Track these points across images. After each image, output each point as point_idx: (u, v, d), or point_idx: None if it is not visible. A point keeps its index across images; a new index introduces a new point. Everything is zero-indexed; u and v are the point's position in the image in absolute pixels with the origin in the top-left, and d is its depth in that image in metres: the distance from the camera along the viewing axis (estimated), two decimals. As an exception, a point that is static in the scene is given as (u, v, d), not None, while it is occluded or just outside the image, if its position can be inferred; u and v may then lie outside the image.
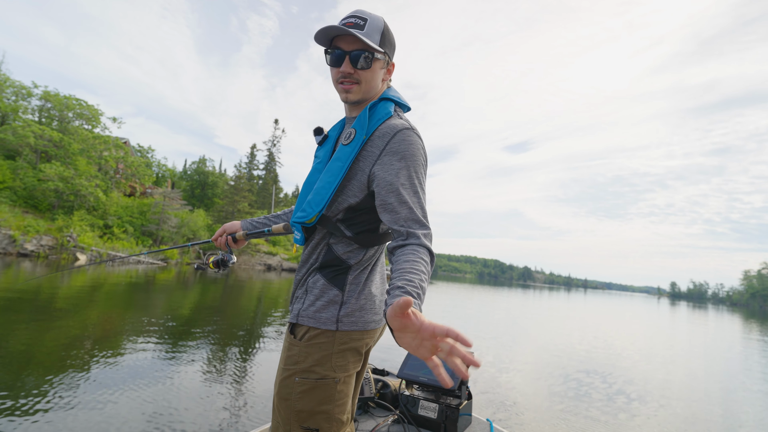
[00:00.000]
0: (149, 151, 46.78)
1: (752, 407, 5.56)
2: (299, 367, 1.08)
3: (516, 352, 7.88)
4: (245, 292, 15.42)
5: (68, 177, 24.32)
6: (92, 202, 25.90)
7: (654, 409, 4.97)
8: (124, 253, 24.50)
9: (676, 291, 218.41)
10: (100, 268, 19.04)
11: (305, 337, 1.10)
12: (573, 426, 4.09)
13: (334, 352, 1.08)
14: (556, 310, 20.88)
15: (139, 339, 5.94)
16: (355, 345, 1.11)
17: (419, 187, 1.05)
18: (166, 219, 29.22)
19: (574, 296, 49.48)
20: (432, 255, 0.97)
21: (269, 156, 56.97)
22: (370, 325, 1.13)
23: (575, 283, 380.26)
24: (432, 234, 1.02)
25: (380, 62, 1.14)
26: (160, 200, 29.84)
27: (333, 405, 1.07)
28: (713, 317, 29.89)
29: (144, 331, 6.51)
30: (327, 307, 1.10)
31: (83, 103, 29.98)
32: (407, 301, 0.65)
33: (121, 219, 27.57)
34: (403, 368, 2.16)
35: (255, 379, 4.60)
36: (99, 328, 6.51)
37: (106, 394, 3.79)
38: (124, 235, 26.47)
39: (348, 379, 1.11)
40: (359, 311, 1.11)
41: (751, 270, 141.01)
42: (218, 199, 39.68)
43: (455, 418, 1.91)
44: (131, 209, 28.96)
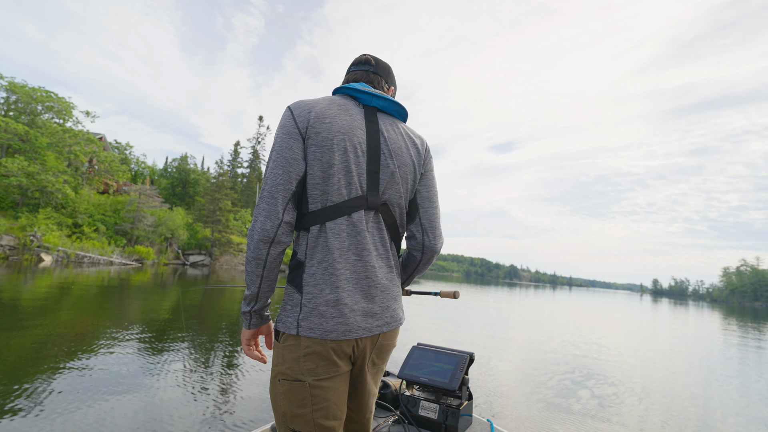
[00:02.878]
0: (127, 147, 45.29)
1: (730, 398, 5.84)
2: (279, 369, 1.09)
3: (515, 352, 7.79)
4: (227, 293, 14.68)
5: (33, 172, 22.95)
6: (60, 200, 24.51)
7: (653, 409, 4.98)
8: (94, 253, 23.28)
9: (658, 288, 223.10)
10: (68, 269, 18.04)
11: (282, 338, 1.10)
12: (573, 425, 4.08)
13: (301, 355, 1.06)
14: (545, 309, 20.74)
15: (115, 343, 5.67)
16: (319, 350, 1.05)
17: (267, 162, 1.10)
18: (141, 217, 27.93)
19: (560, 294, 49.84)
20: (248, 237, 1.07)
21: (253, 154, 55.88)
22: (329, 335, 1.05)
23: (560, 281, 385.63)
24: (262, 206, 1.06)
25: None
26: (135, 198, 28.52)
27: (310, 409, 1.05)
28: (694, 313, 30.18)
29: (121, 334, 6.21)
30: (291, 311, 1.09)
31: (53, 95, 28.48)
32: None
33: (92, 217, 26.14)
34: (403, 368, 2.14)
35: (241, 382, 4.49)
36: (71, 331, 6.14)
37: (83, 400, 3.61)
38: (95, 234, 25.09)
39: (323, 383, 1.06)
40: (318, 318, 1.05)
41: (730, 267, 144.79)
42: (200, 198, 38.42)
43: (456, 418, 1.90)
44: (104, 207, 27.48)
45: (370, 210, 1.14)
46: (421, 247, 1.29)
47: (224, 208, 36.80)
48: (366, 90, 1.20)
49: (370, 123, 1.18)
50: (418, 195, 1.28)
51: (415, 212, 1.28)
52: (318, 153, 1.08)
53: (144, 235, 27.96)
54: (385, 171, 1.16)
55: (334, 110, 1.13)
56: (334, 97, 1.20)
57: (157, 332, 6.62)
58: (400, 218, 1.24)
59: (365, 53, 1.33)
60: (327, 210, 1.09)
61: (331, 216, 1.09)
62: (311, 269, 1.08)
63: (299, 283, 1.09)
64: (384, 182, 1.16)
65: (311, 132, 1.09)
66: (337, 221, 1.09)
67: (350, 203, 1.10)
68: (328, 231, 1.09)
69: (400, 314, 1.21)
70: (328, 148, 1.09)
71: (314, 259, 1.09)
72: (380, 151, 1.16)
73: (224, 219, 36.29)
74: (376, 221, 1.16)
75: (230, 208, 38.34)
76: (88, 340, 5.71)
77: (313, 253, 1.09)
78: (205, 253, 33.83)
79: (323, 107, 1.13)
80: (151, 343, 5.84)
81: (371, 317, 1.11)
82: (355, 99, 1.21)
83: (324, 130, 1.09)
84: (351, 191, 1.11)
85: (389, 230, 1.20)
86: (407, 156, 1.22)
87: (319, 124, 1.10)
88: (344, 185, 1.10)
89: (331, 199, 1.09)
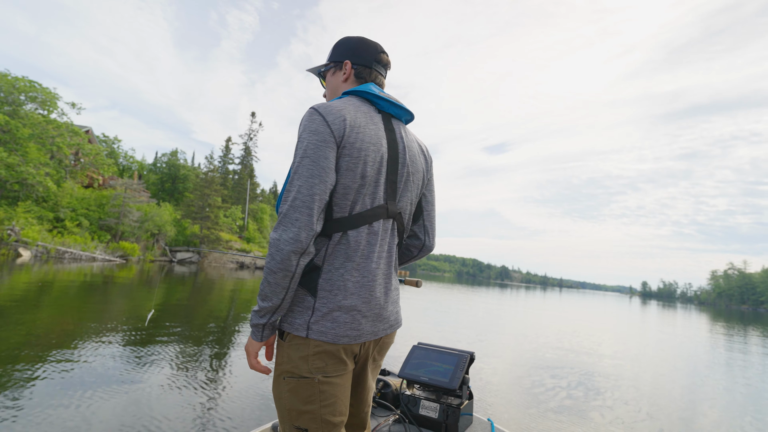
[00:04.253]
0: (115, 141, 44.31)
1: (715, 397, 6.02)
2: (284, 367, 1.09)
3: (514, 352, 7.81)
4: (216, 291, 14.26)
5: (13, 164, 22.12)
6: (41, 193, 23.70)
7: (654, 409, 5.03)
8: (76, 248, 22.57)
9: (647, 290, 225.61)
10: (48, 265, 17.46)
11: (287, 337, 1.10)
12: (574, 425, 4.08)
13: (310, 354, 1.07)
14: (540, 310, 20.68)
15: (100, 342, 5.45)
16: (330, 350, 1.07)
17: (296, 167, 1.05)
18: (127, 212, 27.20)
19: (551, 295, 49.99)
20: (271, 241, 1.01)
21: (245, 150, 55.11)
22: (341, 339, 1.07)
23: (551, 282, 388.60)
24: (295, 215, 1.01)
25: (330, 71, 1.30)
26: (121, 192, 27.77)
27: (318, 405, 1.06)
28: (684, 316, 30.34)
29: (105, 333, 5.99)
30: (301, 313, 1.08)
31: (36, 85, 27.57)
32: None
33: (75, 212, 25.35)
34: (404, 368, 2.14)
35: (234, 380, 4.43)
36: (52, 329, 5.92)
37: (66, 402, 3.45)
38: (78, 229, 24.30)
39: (332, 380, 1.08)
40: (330, 323, 1.06)
41: (718, 270, 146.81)
42: (189, 194, 37.70)
43: (456, 417, 1.90)
44: (88, 201, 26.62)
45: (389, 218, 1.17)
46: (420, 247, 1.36)
47: (214, 204, 36.13)
48: (384, 97, 1.20)
49: (389, 132, 1.19)
50: (424, 199, 1.34)
51: (420, 215, 1.34)
52: (351, 164, 1.08)
53: (129, 231, 27.24)
54: (401, 180, 1.19)
55: (362, 119, 1.13)
56: (356, 102, 1.17)
57: (144, 331, 6.39)
58: (408, 223, 1.27)
59: (383, 48, 1.30)
60: (351, 218, 1.10)
61: (354, 224, 1.10)
62: (328, 274, 1.08)
63: (313, 287, 1.08)
64: (400, 191, 1.19)
65: (346, 142, 1.07)
66: (360, 229, 1.11)
67: (372, 212, 1.12)
68: (349, 239, 1.10)
69: (401, 316, 1.27)
70: (361, 160, 1.09)
71: (332, 264, 1.09)
72: (398, 160, 1.18)
73: (213, 215, 35.64)
74: (392, 229, 1.19)
75: (220, 205, 37.68)
76: (70, 339, 5.46)
77: (331, 259, 1.09)
78: (193, 251, 33.17)
79: (353, 116, 1.11)
80: (138, 342, 5.65)
81: (380, 321, 1.14)
82: (374, 104, 1.20)
83: (358, 140, 1.09)
84: (374, 201, 1.12)
85: (399, 236, 1.24)
86: (419, 163, 1.26)
87: (353, 135, 1.08)
88: (369, 195, 1.11)
89: (356, 209, 1.10)
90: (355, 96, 1.20)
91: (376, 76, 1.27)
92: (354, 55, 1.26)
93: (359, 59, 1.26)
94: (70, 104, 30.77)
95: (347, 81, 1.27)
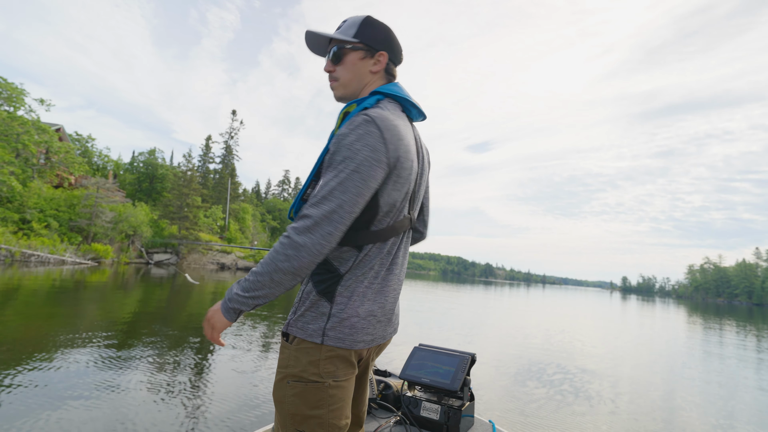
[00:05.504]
0: (89, 140, 42.67)
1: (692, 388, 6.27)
2: (290, 371, 1.06)
3: (514, 352, 7.79)
4: (196, 294, 13.62)
5: (-27, 163, 20.97)
6: (5, 193, 22.47)
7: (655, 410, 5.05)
8: (44, 251, 21.46)
9: (627, 285, 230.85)
10: (12, 269, 16.54)
11: (294, 341, 1.07)
12: (574, 426, 4.08)
13: (322, 358, 1.04)
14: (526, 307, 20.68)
15: (73, 349, 5.22)
16: (344, 354, 1.06)
17: (344, 179, 0.97)
18: (99, 213, 26.07)
19: (535, 292, 50.40)
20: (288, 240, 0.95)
21: (226, 149, 53.92)
22: (358, 345, 1.06)
23: (534, 278, 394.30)
24: (326, 227, 0.95)
25: (357, 53, 1.16)
26: (92, 192, 26.61)
27: (326, 409, 1.04)
28: (665, 310, 30.88)
29: (78, 340, 5.71)
30: (315, 319, 1.06)
31: (1, 80, 26.29)
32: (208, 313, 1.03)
33: (43, 212, 24.17)
34: (405, 369, 2.12)
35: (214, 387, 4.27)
36: (20, 337, 5.66)
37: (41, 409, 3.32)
38: (46, 231, 23.12)
39: (342, 383, 1.07)
40: (348, 329, 1.05)
41: (694, 264, 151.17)
42: (167, 193, 36.53)
43: (457, 419, 1.89)
44: (57, 201, 25.40)
45: (409, 228, 1.17)
46: (420, 239, 1.40)
47: (193, 204, 35.10)
48: (417, 105, 1.17)
49: (416, 141, 1.17)
50: (424, 196, 1.35)
51: (421, 210, 1.35)
52: (398, 185, 1.07)
53: (102, 232, 26.12)
54: (420, 189, 1.19)
55: (408, 137, 1.09)
56: (399, 113, 1.12)
57: (120, 337, 6.10)
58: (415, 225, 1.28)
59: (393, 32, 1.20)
60: (382, 232, 1.09)
61: (384, 237, 1.09)
62: (349, 282, 1.07)
63: (331, 294, 1.06)
64: (419, 200, 1.20)
65: (399, 164, 1.04)
66: (389, 241, 1.11)
67: (401, 224, 1.12)
68: (376, 250, 1.09)
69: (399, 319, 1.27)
70: (407, 180, 1.08)
71: (354, 274, 1.07)
72: (422, 171, 1.19)
73: (192, 216, 34.61)
74: (408, 236, 1.19)
75: (200, 205, 36.65)
76: (40, 347, 5.21)
77: (356, 269, 1.07)
78: (171, 252, 32.14)
79: (404, 134, 1.07)
80: (115, 349, 5.43)
81: (389, 325, 1.15)
82: (405, 111, 1.18)
83: (407, 161, 1.07)
84: (402, 214, 1.13)
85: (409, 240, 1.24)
86: (428, 168, 1.26)
87: (405, 157, 1.06)
88: (399, 209, 1.11)
89: (390, 223, 1.10)
90: (395, 101, 1.14)
91: (393, 70, 1.21)
92: (390, 48, 1.18)
93: (393, 54, 1.19)
94: (39, 101, 29.42)
95: (377, 74, 1.18)
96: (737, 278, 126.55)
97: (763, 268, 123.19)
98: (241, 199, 55.95)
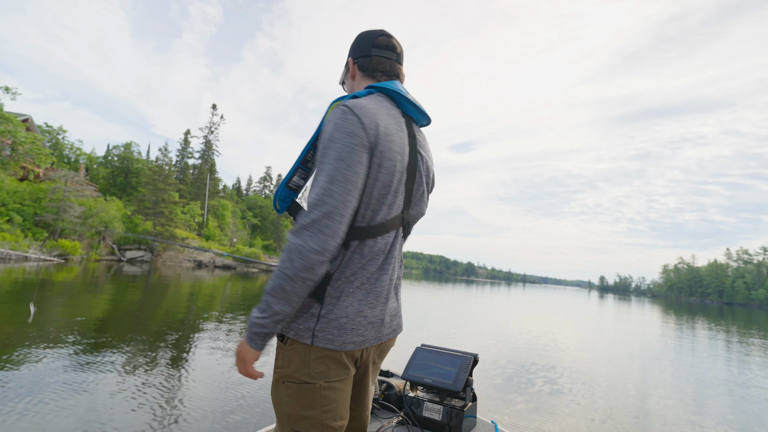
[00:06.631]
0: (60, 131, 40.98)
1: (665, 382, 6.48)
2: (284, 372, 1.07)
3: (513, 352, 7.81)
4: (171, 293, 13.03)
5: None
6: (-37, 185, 21.33)
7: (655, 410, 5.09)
8: (4, 247, 20.34)
9: (605, 284, 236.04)
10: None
11: (288, 342, 1.07)
12: (575, 426, 4.06)
13: (312, 359, 1.04)
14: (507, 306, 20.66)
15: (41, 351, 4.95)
16: (333, 355, 1.05)
17: (331, 170, 0.97)
18: (67, 207, 24.95)
19: (516, 291, 50.90)
20: (289, 244, 0.95)
21: (206, 143, 52.64)
22: (347, 346, 1.05)
23: (515, 278, 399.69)
24: (325, 222, 0.94)
25: (347, 74, 1.27)
26: (60, 185, 25.44)
27: (319, 410, 1.04)
28: (644, 310, 31.48)
29: (44, 340, 5.45)
30: (306, 320, 1.05)
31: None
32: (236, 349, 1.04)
33: (5, 206, 22.96)
34: (407, 370, 2.13)
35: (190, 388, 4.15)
36: None
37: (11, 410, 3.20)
38: (8, 226, 21.93)
39: (334, 384, 1.06)
40: (337, 330, 1.03)
41: (669, 264, 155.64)
42: (142, 188, 35.33)
43: (460, 419, 1.90)
44: (21, 195, 24.17)
45: (402, 227, 1.15)
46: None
47: (168, 199, 34.02)
48: (411, 100, 1.17)
49: (412, 138, 1.16)
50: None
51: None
52: (381, 174, 1.04)
53: (70, 228, 25.00)
54: (418, 189, 1.17)
55: (393, 126, 1.09)
56: (386, 104, 1.12)
57: (89, 338, 5.81)
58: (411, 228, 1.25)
59: (384, 31, 1.22)
60: (371, 228, 1.07)
61: (373, 234, 1.07)
62: (338, 282, 1.06)
63: (320, 294, 1.05)
64: (415, 199, 1.17)
65: (378, 150, 1.03)
66: (377, 239, 1.08)
67: (391, 222, 1.10)
68: (365, 248, 1.07)
69: (402, 321, 1.23)
70: (390, 170, 1.06)
71: (343, 273, 1.06)
72: (417, 168, 1.16)
73: (168, 211, 33.55)
74: (402, 237, 1.17)
75: (176, 200, 35.57)
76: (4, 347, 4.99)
77: (344, 268, 1.06)
78: (145, 249, 31.07)
79: (386, 122, 1.07)
80: (83, 350, 5.18)
81: (383, 327, 1.12)
82: (399, 105, 1.17)
83: (388, 150, 1.05)
84: (393, 210, 1.10)
85: (403, 241, 1.21)
86: (432, 172, 1.24)
87: (385, 143, 1.04)
88: (389, 205, 1.08)
89: (376, 219, 1.07)
90: (383, 94, 1.14)
91: (379, 61, 1.20)
92: (354, 51, 1.23)
93: (358, 52, 1.22)
94: (4, 89, 28.02)
95: (355, 78, 1.24)
96: (709, 278, 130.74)
97: (733, 268, 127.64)
98: (221, 196, 54.76)
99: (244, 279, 24.12)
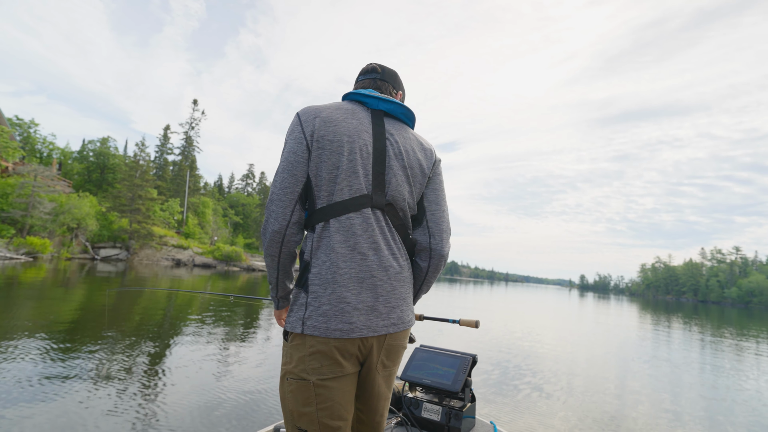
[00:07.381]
0: (31, 125, 39.41)
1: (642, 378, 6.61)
2: (287, 368, 1.12)
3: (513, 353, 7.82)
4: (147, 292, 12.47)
5: None
6: (-77, 179, 20.21)
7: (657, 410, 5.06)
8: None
9: (585, 283, 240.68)
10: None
11: (290, 338, 1.14)
12: (575, 426, 4.09)
13: (306, 354, 1.09)
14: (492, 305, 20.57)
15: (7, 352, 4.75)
16: (323, 349, 1.08)
17: (277, 167, 1.17)
18: (37, 203, 23.94)
19: (498, 289, 51.30)
20: (262, 235, 1.16)
21: (186, 140, 51.41)
22: (334, 333, 1.07)
23: (498, 276, 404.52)
24: (272, 208, 1.13)
25: None
26: (29, 180, 24.39)
27: (314, 407, 1.07)
28: (622, 307, 31.99)
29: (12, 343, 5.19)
30: (297, 310, 1.12)
31: None
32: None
33: (-30, 202, 21.97)
34: (406, 370, 2.13)
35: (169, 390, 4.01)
36: None
37: None
38: (-28, 222, 21.05)
39: (328, 383, 1.08)
40: (322, 317, 1.08)
41: (646, 263, 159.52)
42: (118, 185, 34.21)
43: (459, 420, 1.91)
44: (-13, 190, 23.29)
45: (376, 209, 1.16)
46: (428, 252, 1.28)
47: (145, 196, 33.05)
48: (373, 95, 1.25)
49: (377, 126, 1.22)
50: (425, 198, 1.30)
51: (423, 215, 1.29)
52: (325, 156, 1.13)
53: (40, 225, 24.00)
54: (389, 172, 1.19)
55: (341, 114, 1.18)
56: (343, 102, 1.25)
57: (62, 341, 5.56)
58: (406, 219, 1.25)
59: (371, 62, 1.38)
60: (331, 207, 1.12)
61: (335, 213, 1.12)
62: (316, 269, 1.11)
63: (305, 284, 1.11)
64: (389, 183, 1.19)
65: (317, 136, 1.14)
66: (341, 218, 1.12)
67: (354, 201, 1.13)
68: (331, 229, 1.12)
69: (408, 316, 1.21)
70: (335, 151, 1.13)
71: (318, 258, 1.12)
72: (386, 152, 1.20)
73: (145, 208, 32.57)
74: (383, 221, 1.18)
75: (154, 197, 34.59)
76: None
77: (317, 252, 1.12)
78: (120, 246, 30.11)
79: (330, 112, 1.17)
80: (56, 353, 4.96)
81: (376, 316, 1.11)
82: (363, 104, 1.26)
83: (330, 133, 1.14)
84: (356, 190, 1.13)
85: (398, 231, 1.22)
86: (414, 159, 1.25)
87: (325, 128, 1.14)
88: (348, 185, 1.13)
89: (334, 198, 1.12)
90: (347, 99, 1.29)
91: (362, 83, 1.34)
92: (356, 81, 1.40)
93: (356, 81, 1.39)
94: (-31, 79, 26.71)
95: None
96: (684, 276, 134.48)
97: (708, 267, 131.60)
98: (202, 193, 53.61)
99: (225, 278, 23.55)
